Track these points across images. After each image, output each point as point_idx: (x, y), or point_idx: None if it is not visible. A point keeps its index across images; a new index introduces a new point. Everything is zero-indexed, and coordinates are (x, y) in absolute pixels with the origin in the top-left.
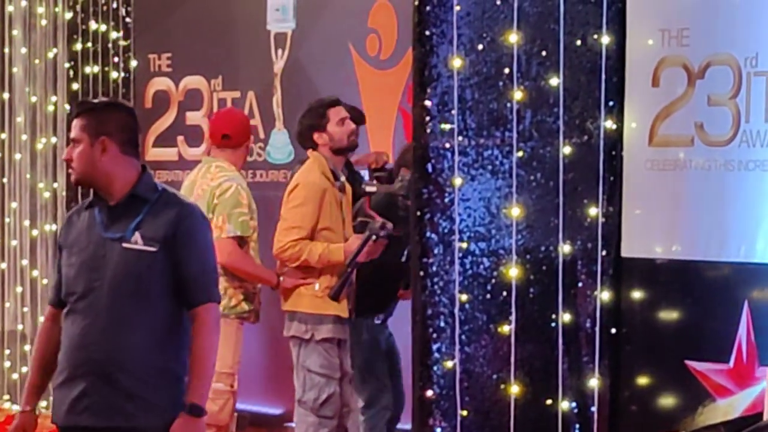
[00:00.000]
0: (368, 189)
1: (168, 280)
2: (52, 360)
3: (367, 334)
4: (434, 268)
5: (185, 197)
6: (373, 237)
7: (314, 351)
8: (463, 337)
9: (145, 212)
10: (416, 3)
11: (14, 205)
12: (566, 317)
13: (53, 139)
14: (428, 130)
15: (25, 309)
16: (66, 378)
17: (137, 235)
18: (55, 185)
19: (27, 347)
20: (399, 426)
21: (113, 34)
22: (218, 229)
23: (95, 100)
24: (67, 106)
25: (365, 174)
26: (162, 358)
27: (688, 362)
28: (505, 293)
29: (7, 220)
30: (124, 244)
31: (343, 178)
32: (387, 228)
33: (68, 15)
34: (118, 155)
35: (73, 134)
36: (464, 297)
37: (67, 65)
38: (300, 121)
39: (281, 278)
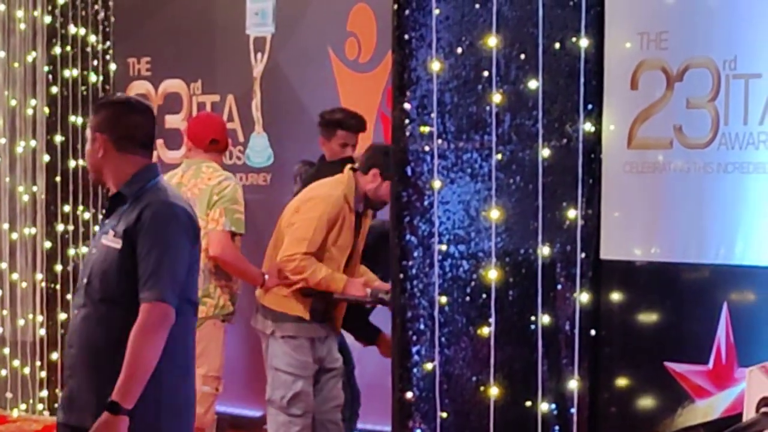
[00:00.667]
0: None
1: (134, 278)
2: None
3: None
4: (414, 271)
5: (167, 195)
6: (371, 300)
7: (280, 349)
8: (443, 339)
9: (125, 208)
10: (395, 6)
11: None
12: (545, 319)
13: (32, 143)
14: (408, 134)
15: (5, 312)
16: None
17: (111, 232)
18: (35, 189)
19: (6, 350)
20: (377, 428)
21: (92, 38)
22: (214, 221)
23: (101, 97)
24: (47, 110)
25: None
26: (124, 357)
27: (668, 364)
28: (484, 296)
29: None
30: (102, 240)
31: (359, 211)
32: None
33: (47, 19)
34: (113, 152)
35: (89, 132)
36: (444, 299)
37: (46, 69)
38: (378, 148)
39: (266, 276)
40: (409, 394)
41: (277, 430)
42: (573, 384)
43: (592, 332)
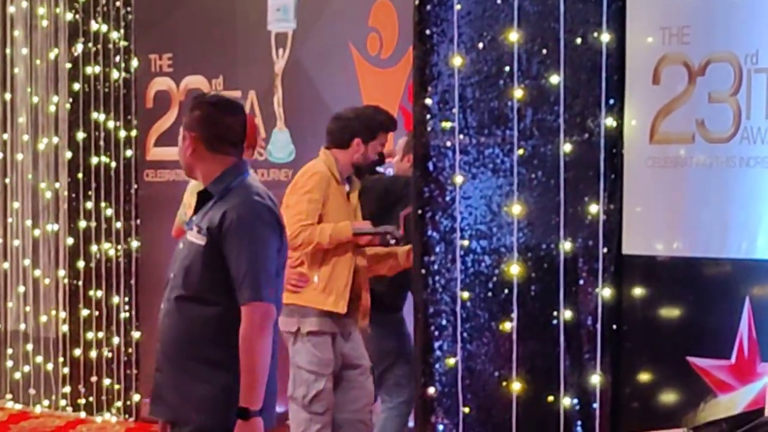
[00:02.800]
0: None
1: (220, 276)
2: None
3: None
4: (436, 267)
5: (251, 194)
6: (387, 236)
7: (303, 346)
8: (465, 334)
9: (210, 206)
10: (417, 2)
11: (16, 205)
12: (567, 314)
13: (55, 140)
14: (429, 129)
15: (28, 309)
16: None
17: (195, 228)
18: (57, 185)
19: (29, 346)
20: None
21: (114, 35)
22: None
23: (200, 96)
24: (68, 106)
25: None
26: (206, 353)
27: (690, 358)
28: (506, 291)
29: (9, 220)
30: (188, 236)
31: (353, 179)
32: (396, 237)
33: (69, 16)
34: (204, 151)
35: (182, 130)
36: (466, 295)
37: (68, 66)
38: (345, 117)
39: None
40: (431, 390)
41: (298, 426)
42: (595, 379)
43: (614, 327)
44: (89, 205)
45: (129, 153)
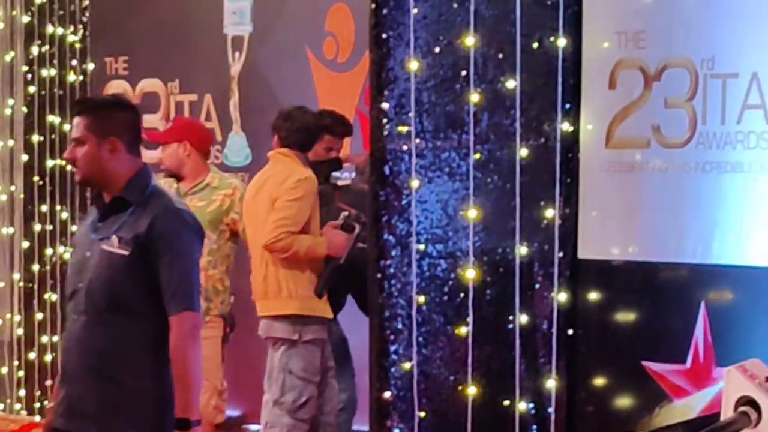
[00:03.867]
0: (340, 183)
1: (147, 286)
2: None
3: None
4: (391, 270)
5: (172, 200)
6: (357, 231)
7: (298, 353)
8: (421, 338)
9: (128, 214)
10: (373, 6)
11: None
12: (523, 319)
13: (10, 142)
14: (385, 133)
15: None
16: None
17: (114, 237)
18: (12, 188)
19: None
20: (354, 427)
21: (70, 38)
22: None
23: (98, 98)
24: (25, 109)
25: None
26: (138, 367)
27: (645, 363)
28: (462, 295)
29: None
30: (103, 246)
31: None
32: (362, 218)
33: (25, 18)
34: (125, 155)
35: (76, 133)
36: (421, 299)
37: (24, 68)
38: (314, 117)
39: None
40: (387, 394)
41: (279, 431)
42: (551, 383)
43: (570, 331)
44: (44, 208)
45: None
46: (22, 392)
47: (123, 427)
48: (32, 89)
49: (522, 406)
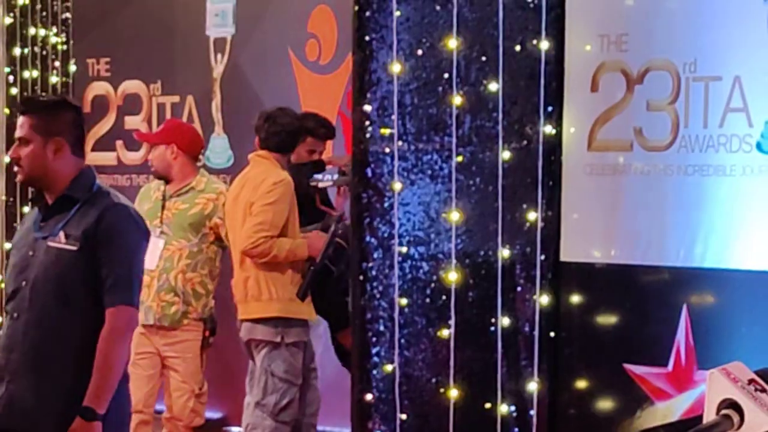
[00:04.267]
0: (321, 185)
1: (92, 282)
2: None
3: None
4: (374, 273)
5: (117, 197)
6: (339, 232)
7: (280, 355)
8: (403, 341)
9: (74, 211)
10: (356, 8)
11: None
12: (505, 321)
13: None
14: (368, 135)
15: None
16: None
17: (61, 234)
18: None
19: None
20: (335, 430)
21: (53, 39)
22: None
23: (43, 98)
24: (7, 111)
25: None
26: (80, 359)
27: (627, 366)
28: (444, 297)
29: None
30: (49, 243)
31: None
32: (343, 219)
33: (8, 20)
34: (69, 156)
35: (21, 133)
36: (404, 301)
37: (6, 70)
38: (295, 119)
39: None
40: (368, 396)
41: None
42: (532, 386)
43: (552, 334)
44: (27, 209)
45: None
46: None
47: (64, 425)
48: (14, 91)
49: (504, 408)
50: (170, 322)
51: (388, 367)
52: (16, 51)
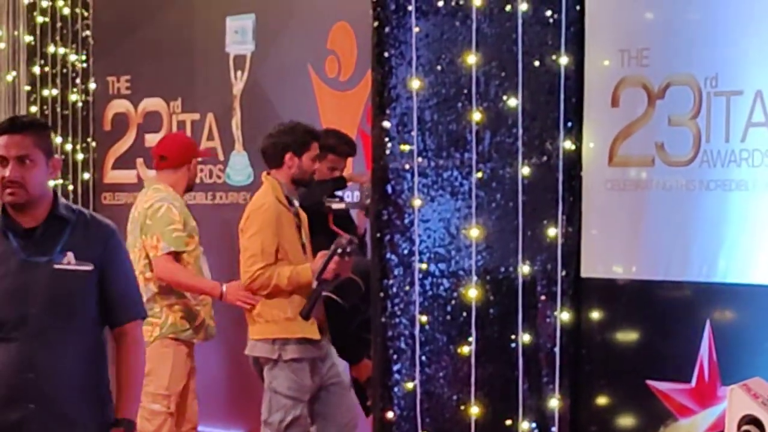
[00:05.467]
0: (334, 206)
1: (96, 300)
2: None
3: None
4: (394, 290)
5: (101, 216)
6: (339, 251)
7: (281, 372)
8: (424, 358)
9: (69, 232)
10: (375, 24)
11: None
12: (526, 338)
13: None
14: (388, 152)
15: None
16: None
17: (69, 256)
18: None
19: None
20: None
21: (72, 57)
22: (153, 248)
23: (28, 117)
24: None
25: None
26: (94, 379)
27: (650, 382)
28: (465, 314)
29: None
30: (55, 266)
31: (296, 204)
32: (354, 243)
33: (28, 38)
34: (53, 176)
35: (21, 152)
36: (424, 318)
37: (26, 88)
38: (274, 135)
39: (224, 288)
40: (390, 414)
41: None
42: (554, 402)
43: (573, 350)
44: None
45: (87, 176)
46: None
47: None
48: (34, 109)
49: (525, 425)
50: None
51: (410, 385)
52: (36, 69)
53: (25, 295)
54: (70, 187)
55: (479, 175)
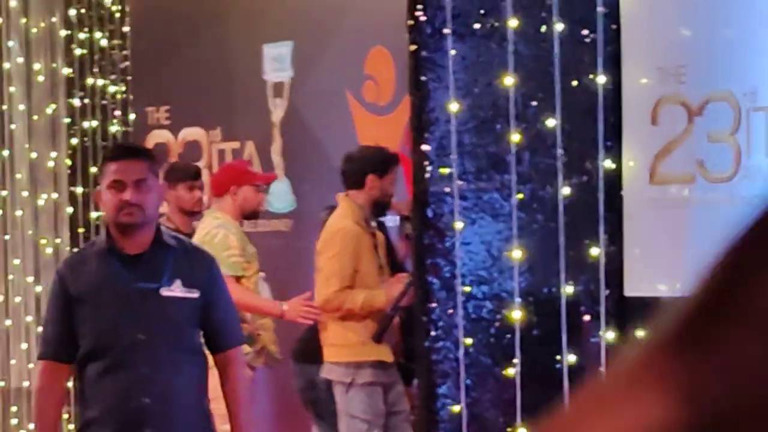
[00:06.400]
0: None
1: (200, 325)
2: (60, 418)
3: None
4: (437, 313)
5: (198, 244)
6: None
7: (357, 396)
8: (469, 381)
9: (174, 259)
10: (412, 48)
11: (17, 261)
12: (571, 358)
13: (54, 195)
14: (427, 175)
15: (31, 365)
16: None
17: (177, 283)
18: (58, 241)
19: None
20: None
21: (111, 88)
22: None
23: (137, 144)
24: (68, 161)
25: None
26: (203, 402)
27: None
28: (509, 336)
29: (10, 277)
30: (164, 293)
31: (374, 224)
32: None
33: (66, 70)
34: (160, 202)
35: (139, 175)
36: (468, 341)
37: (66, 120)
38: (356, 157)
39: (284, 307)
40: None
41: None
42: None
43: None
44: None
45: None
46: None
47: None
48: (75, 141)
49: None
50: None
51: (455, 408)
52: (76, 101)
53: (135, 322)
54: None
55: (520, 196)
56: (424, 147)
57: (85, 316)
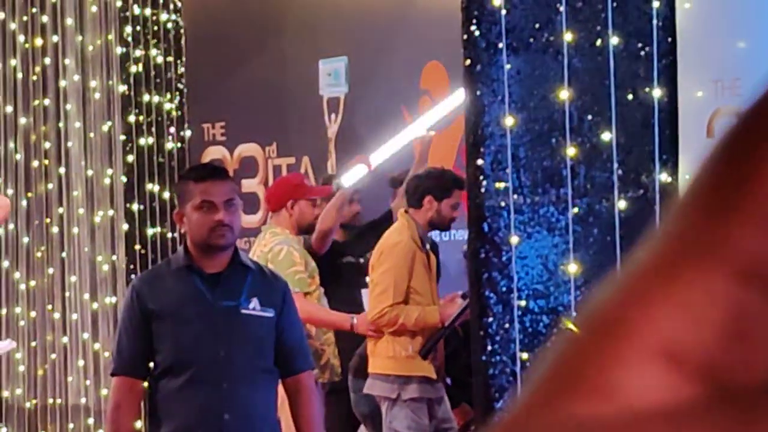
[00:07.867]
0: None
1: (274, 347)
2: None
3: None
4: (494, 328)
5: (273, 267)
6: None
7: (401, 411)
8: None
9: (251, 279)
10: (466, 63)
11: (74, 279)
12: None
13: (110, 212)
14: (483, 190)
15: (88, 382)
16: None
17: (254, 301)
18: (114, 258)
19: (90, 420)
20: None
21: (167, 105)
22: None
23: (218, 164)
24: (124, 179)
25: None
26: (276, 419)
27: None
28: None
29: (67, 294)
30: (244, 311)
31: (428, 246)
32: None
33: (122, 88)
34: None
35: (229, 196)
36: (525, 355)
37: (122, 138)
38: (419, 177)
39: (354, 320)
40: None
41: None
42: None
43: None
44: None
45: None
46: None
47: None
48: (131, 158)
49: None
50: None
51: None
52: (132, 118)
53: (216, 338)
54: (170, 235)
55: (575, 210)
56: (480, 161)
57: (165, 332)
